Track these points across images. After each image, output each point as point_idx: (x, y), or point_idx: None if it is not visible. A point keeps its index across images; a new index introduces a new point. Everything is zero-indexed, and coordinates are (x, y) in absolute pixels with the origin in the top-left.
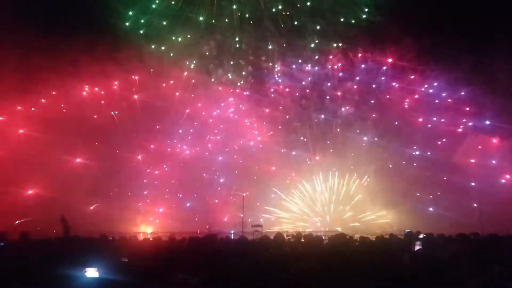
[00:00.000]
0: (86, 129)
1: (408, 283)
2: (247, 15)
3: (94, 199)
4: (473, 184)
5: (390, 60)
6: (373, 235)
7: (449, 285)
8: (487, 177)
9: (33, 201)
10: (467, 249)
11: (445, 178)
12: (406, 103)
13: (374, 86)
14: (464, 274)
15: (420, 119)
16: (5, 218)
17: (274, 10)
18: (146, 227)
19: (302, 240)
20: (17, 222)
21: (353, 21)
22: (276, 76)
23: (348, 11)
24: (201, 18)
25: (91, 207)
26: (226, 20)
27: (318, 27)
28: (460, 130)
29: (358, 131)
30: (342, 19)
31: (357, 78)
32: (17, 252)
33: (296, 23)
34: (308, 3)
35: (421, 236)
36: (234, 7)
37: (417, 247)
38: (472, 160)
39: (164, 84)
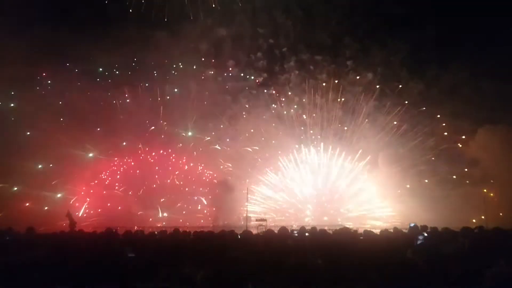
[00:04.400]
0: None
1: (409, 277)
2: None
3: None
4: None
5: None
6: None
7: (451, 280)
8: None
9: None
10: (471, 242)
11: None
12: None
13: None
14: (468, 268)
15: None
16: None
17: None
18: None
19: (307, 234)
20: None
21: None
22: None
23: None
24: None
25: None
26: None
27: None
28: None
29: None
30: None
31: None
32: (23, 246)
33: None
34: None
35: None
36: None
37: (419, 241)
38: None
39: None
